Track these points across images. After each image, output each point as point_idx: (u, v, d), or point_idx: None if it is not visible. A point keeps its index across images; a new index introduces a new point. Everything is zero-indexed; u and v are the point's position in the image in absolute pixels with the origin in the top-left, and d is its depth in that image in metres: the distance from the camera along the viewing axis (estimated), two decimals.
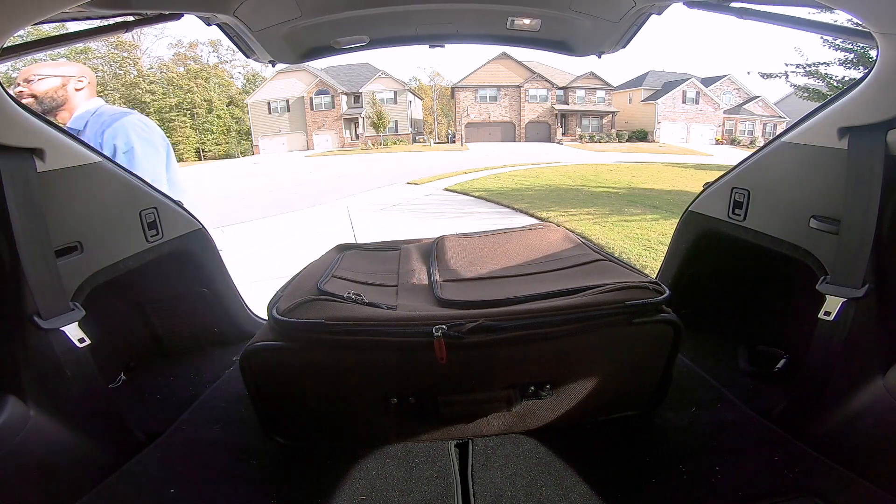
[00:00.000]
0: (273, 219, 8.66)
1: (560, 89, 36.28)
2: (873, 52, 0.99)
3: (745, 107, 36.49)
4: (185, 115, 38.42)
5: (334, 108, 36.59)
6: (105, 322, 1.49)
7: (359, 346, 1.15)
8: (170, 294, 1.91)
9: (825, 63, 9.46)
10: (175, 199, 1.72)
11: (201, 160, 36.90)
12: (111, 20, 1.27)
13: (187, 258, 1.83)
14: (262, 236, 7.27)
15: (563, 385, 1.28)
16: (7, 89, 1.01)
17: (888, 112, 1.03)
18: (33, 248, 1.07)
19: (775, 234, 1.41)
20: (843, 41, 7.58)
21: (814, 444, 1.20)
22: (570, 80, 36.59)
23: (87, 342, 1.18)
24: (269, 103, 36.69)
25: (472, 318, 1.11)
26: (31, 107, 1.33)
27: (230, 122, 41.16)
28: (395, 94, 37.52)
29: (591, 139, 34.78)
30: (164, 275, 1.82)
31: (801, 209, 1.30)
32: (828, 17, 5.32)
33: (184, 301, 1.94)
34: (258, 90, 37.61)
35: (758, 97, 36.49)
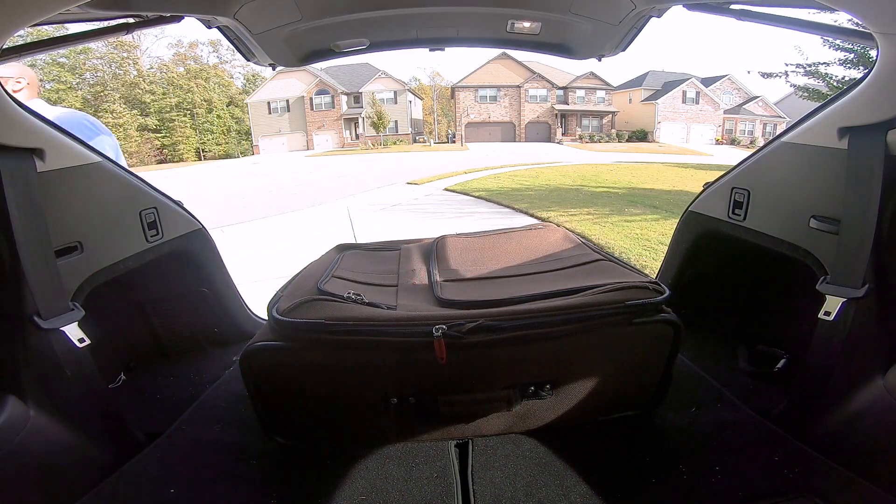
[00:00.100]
0: (273, 219, 8.65)
1: (560, 89, 36.25)
2: (873, 52, 0.99)
3: (745, 107, 36.46)
4: (185, 115, 38.40)
5: (334, 108, 36.54)
6: (105, 322, 1.49)
7: (359, 346, 1.15)
8: (170, 294, 1.91)
9: (825, 63, 9.45)
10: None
11: (201, 160, 36.88)
12: (111, 22, 1.27)
13: (187, 258, 1.83)
14: (262, 236, 7.27)
15: (563, 385, 1.28)
16: (7, 89, 1.01)
17: (888, 112, 1.03)
18: (33, 248, 1.07)
19: (775, 234, 1.41)
20: (843, 41, 7.58)
21: (814, 444, 1.20)
22: (570, 80, 36.56)
23: (87, 342, 1.18)
24: (269, 103, 36.65)
25: (472, 318, 1.11)
26: None
27: (230, 122, 41.15)
28: (395, 94, 37.49)
29: (591, 139, 34.75)
30: (164, 275, 1.82)
31: (801, 209, 1.30)
32: (828, 17, 5.33)
33: (184, 301, 1.94)
34: (258, 90, 37.57)
35: (758, 97, 36.45)
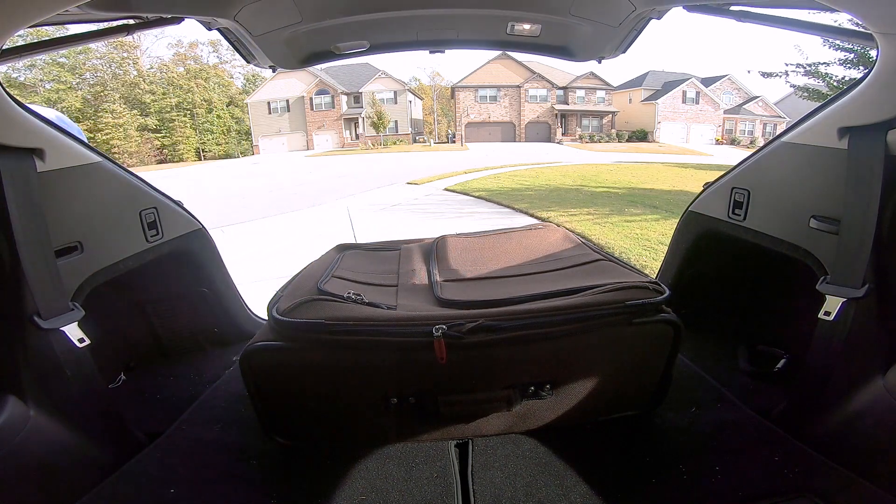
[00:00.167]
0: (273, 219, 8.65)
1: (560, 89, 36.22)
2: (873, 52, 0.99)
3: (745, 107, 36.42)
4: (185, 115, 38.39)
5: (334, 108, 36.51)
6: (105, 322, 1.49)
7: (359, 346, 1.15)
8: (170, 294, 1.91)
9: (825, 63, 9.44)
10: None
11: (201, 160, 36.87)
12: (112, 23, 1.27)
13: (187, 258, 1.83)
14: (262, 236, 7.27)
15: (563, 385, 1.28)
16: (7, 90, 1.01)
17: (888, 112, 1.03)
18: (33, 248, 1.07)
19: (775, 234, 1.41)
20: (844, 41, 7.57)
21: (814, 444, 1.20)
22: (570, 80, 36.53)
23: (87, 342, 1.18)
24: (269, 103, 36.62)
25: (472, 318, 1.11)
26: None
27: (230, 122, 41.12)
28: (395, 94, 37.46)
29: (591, 139, 34.72)
30: (164, 275, 1.82)
31: (801, 209, 1.30)
32: (827, 18, 5.32)
33: (184, 301, 1.94)
34: (258, 90, 37.54)
35: (758, 97, 36.42)
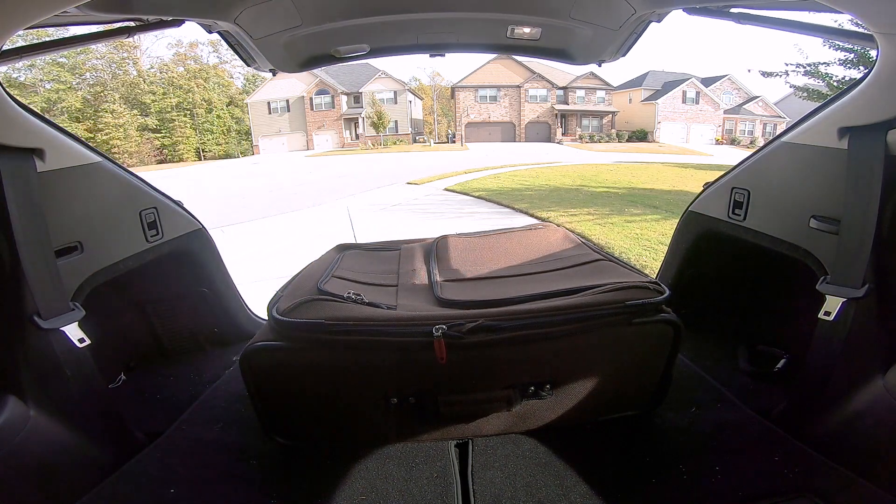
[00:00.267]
0: (273, 219, 8.65)
1: (560, 89, 36.22)
2: (873, 53, 0.99)
3: (745, 107, 36.40)
4: (185, 115, 38.38)
5: (334, 108, 36.50)
6: (105, 322, 1.49)
7: (359, 346, 1.15)
8: (170, 294, 1.91)
9: (825, 63, 9.43)
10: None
11: (201, 160, 36.86)
12: (113, 25, 1.27)
13: (187, 258, 1.83)
14: (262, 236, 7.27)
15: (563, 385, 1.28)
16: (7, 90, 1.01)
17: (888, 112, 1.03)
18: (33, 248, 1.07)
19: (775, 234, 1.41)
20: (844, 41, 7.56)
21: (814, 444, 1.20)
22: (570, 80, 36.51)
23: (87, 342, 1.18)
24: (269, 103, 36.61)
25: (472, 318, 1.11)
26: None
27: (230, 122, 41.09)
28: (395, 94, 37.45)
29: (591, 139, 34.71)
30: (164, 275, 1.82)
31: (801, 209, 1.30)
32: (828, 19, 5.30)
33: (184, 301, 1.94)
34: (258, 90, 37.53)
35: (758, 97, 36.41)
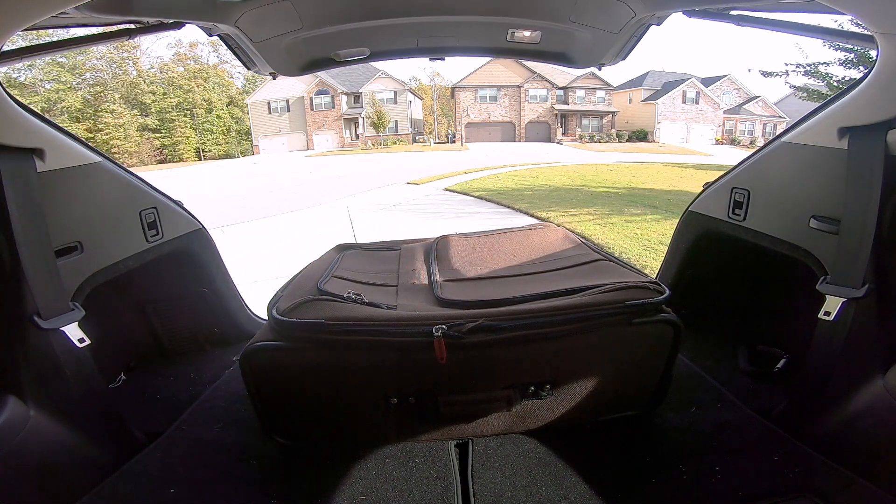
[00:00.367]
0: (273, 219, 8.65)
1: (560, 89, 36.20)
2: (873, 53, 0.99)
3: (745, 107, 36.38)
4: (185, 115, 38.37)
5: (334, 108, 36.48)
6: (105, 322, 1.49)
7: (359, 346, 1.15)
8: (170, 294, 1.91)
9: (825, 63, 9.42)
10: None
11: (201, 160, 36.85)
12: (113, 27, 1.27)
13: (187, 258, 1.83)
14: (262, 236, 7.27)
15: (563, 385, 1.28)
16: (7, 90, 1.01)
17: (888, 112, 1.03)
18: (33, 248, 1.07)
19: (775, 235, 1.41)
20: (844, 42, 7.55)
21: (814, 444, 1.20)
22: (570, 80, 36.49)
23: (87, 342, 1.18)
24: (269, 103, 36.60)
25: (472, 318, 1.11)
26: None
27: (230, 122, 41.09)
28: (395, 94, 37.44)
29: (591, 139, 34.69)
30: (164, 275, 1.82)
31: (801, 209, 1.30)
32: (828, 20, 5.30)
33: (184, 301, 1.94)
34: (258, 90, 37.51)
35: (758, 97, 36.39)
